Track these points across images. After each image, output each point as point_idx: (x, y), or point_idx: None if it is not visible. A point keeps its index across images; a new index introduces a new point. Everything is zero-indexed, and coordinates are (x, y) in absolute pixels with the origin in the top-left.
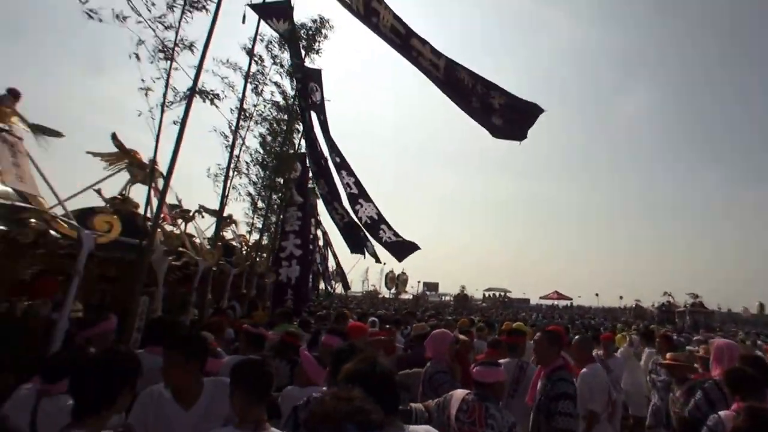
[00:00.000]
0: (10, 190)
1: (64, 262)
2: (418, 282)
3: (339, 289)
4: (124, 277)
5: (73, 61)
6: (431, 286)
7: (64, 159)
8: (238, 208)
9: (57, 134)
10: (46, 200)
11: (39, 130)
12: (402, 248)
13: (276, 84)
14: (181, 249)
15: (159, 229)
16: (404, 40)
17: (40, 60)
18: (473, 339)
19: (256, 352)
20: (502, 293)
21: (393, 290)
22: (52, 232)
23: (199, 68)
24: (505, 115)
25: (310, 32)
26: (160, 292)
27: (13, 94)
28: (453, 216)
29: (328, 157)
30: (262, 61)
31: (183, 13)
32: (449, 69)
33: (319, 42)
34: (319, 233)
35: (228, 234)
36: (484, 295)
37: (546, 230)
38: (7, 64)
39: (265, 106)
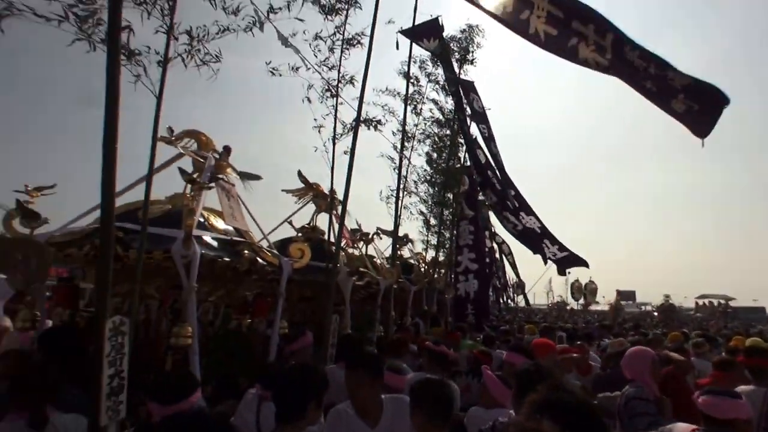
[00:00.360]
0: (229, 227)
1: (272, 286)
2: (617, 291)
3: (521, 301)
4: (318, 298)
5: (264, 111)
6: (626, 295)
7: (264, 197)
8: (413, 227)
9: (257, 177)
10: (254, 234)
11: (245, 176)
12: (569, 262)
13: (433, 101)
14: (362, 269)
15: (342, 252)
16: (563, 26)
17: (240, 114)
18: (690, 357)
19: (441, 371)
20: (723, 301)
21: (581, 301)
22: (261, 261)
23: (361, 98)
24: (688, 98)
25: (462, 44)
26: (348, 310)
27: (227, 150)
28: (638, 215)
29: (495, 167)
30: (418, 81)
31: (342, 52)
32: (617, 49)
33: (473, 52)
34: (495, 245)
35: (405, 253)
36: (696, 303)
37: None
38: (219, 121)
39: (425, 124)
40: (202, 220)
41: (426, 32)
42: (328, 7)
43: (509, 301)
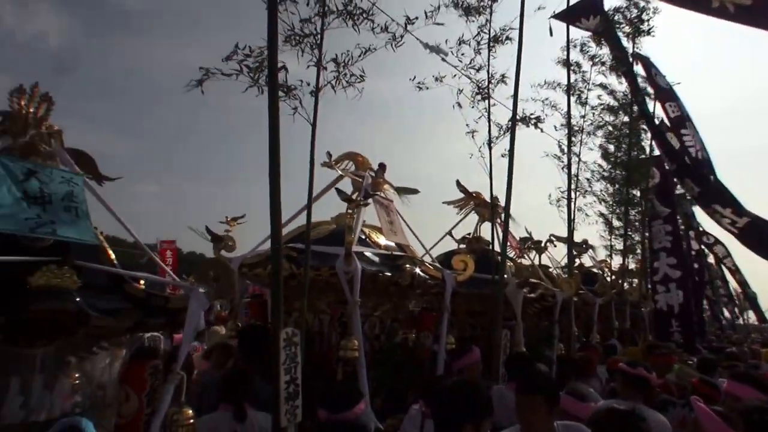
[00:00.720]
0: (390, 243)
1: (438, 300)
2: None
3: (752, 318)
4: (487, 312)
5: (418, 125)
6: None
7: (426, 210)
8: (592, 232)
9: (414, 191)
10: (415, 249)
11: (402, 191)
12: None
13: (602, 86)
14: (533, 280)
15: (510, 263)
16: None
17: (395, 132)
18: None
19: (640, 399)
20: None
21: None
22: (422, 274)
23: (515, 96)
24: None
25: (630, 13)
26: (520, 325)
27: (382, 168)
28: None
29: (700, 150)
30: (580, 67)
31: (489, 51)
32: None
33: (648, 20)
34: (703, 247)
35: (587, 261)
36: None
37: None
38: (378, 141)
39: (594, 113)
40: (363, 237)
41: (583, 11)
42: (470, 7)
43: (735, 317)
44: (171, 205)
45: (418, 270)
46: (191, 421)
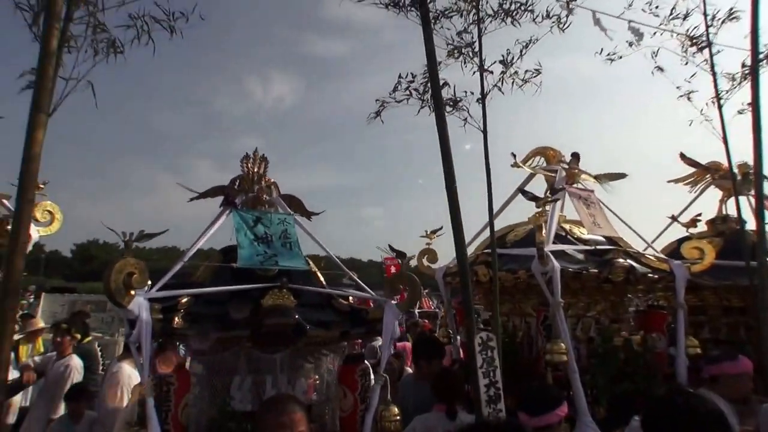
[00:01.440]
0: (594, 237)
1: (672, 296)
2: None
3: None
4: (751, 307)
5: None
6: None
7: (652, 195)
8: None
9: (620, 176)
10: (627, 239)
11: (604, 177)
12: None
13: None
14: None
15: None
16: None
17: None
18: None
19: None
20: None
21: None
22: (639, 267)
23: (755, 32)
24: None
25: None
26: None
27: (576, 157)
28: None
29: None
30: None
31: None
32: None
33: None
34: None
35: None
36: None
37: None
38: (568, 129)
39: None
40: (563, 233)
41: None
42: None
43: None
44: (394, 223)
45: (633, 263)
46: (398, 417)
